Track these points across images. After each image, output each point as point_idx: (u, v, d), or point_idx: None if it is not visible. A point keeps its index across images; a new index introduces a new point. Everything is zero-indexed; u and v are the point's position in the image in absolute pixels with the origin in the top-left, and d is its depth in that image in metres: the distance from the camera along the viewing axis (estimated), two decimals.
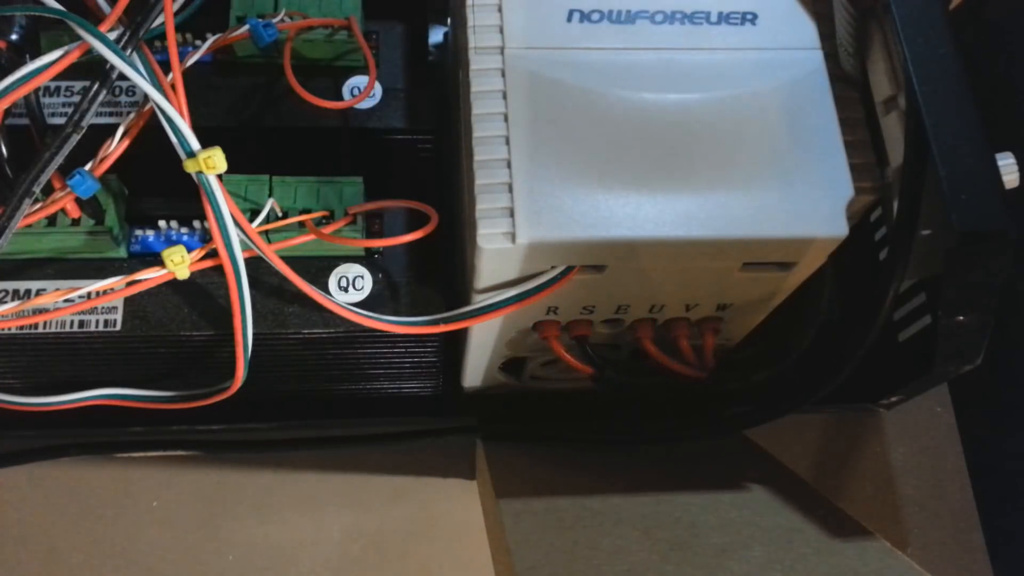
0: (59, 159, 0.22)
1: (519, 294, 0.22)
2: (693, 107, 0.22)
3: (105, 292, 0.24)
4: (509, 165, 0.21)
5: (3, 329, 0.24)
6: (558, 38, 0.23)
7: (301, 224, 0.25)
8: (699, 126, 0.22)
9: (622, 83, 0.22)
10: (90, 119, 0.22)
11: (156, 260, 0.23)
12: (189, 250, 0.24)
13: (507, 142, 0.21)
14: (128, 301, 0.25)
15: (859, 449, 0.37)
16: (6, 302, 0.24)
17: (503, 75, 0.22)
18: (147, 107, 0.23)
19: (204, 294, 0.26)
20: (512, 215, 0.20)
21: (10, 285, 0.25)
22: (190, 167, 0.22)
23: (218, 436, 0.32)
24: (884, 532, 0.26)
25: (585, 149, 0.21)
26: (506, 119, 0.21)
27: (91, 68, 0.22)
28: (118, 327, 0.25)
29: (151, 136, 0.23)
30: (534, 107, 0.22)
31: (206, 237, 0.26)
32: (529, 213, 0.20)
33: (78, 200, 0.24)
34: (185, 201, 0.26)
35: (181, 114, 0.22)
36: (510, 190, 0.21)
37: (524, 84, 0.22)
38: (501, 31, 0.22)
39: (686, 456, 0.32)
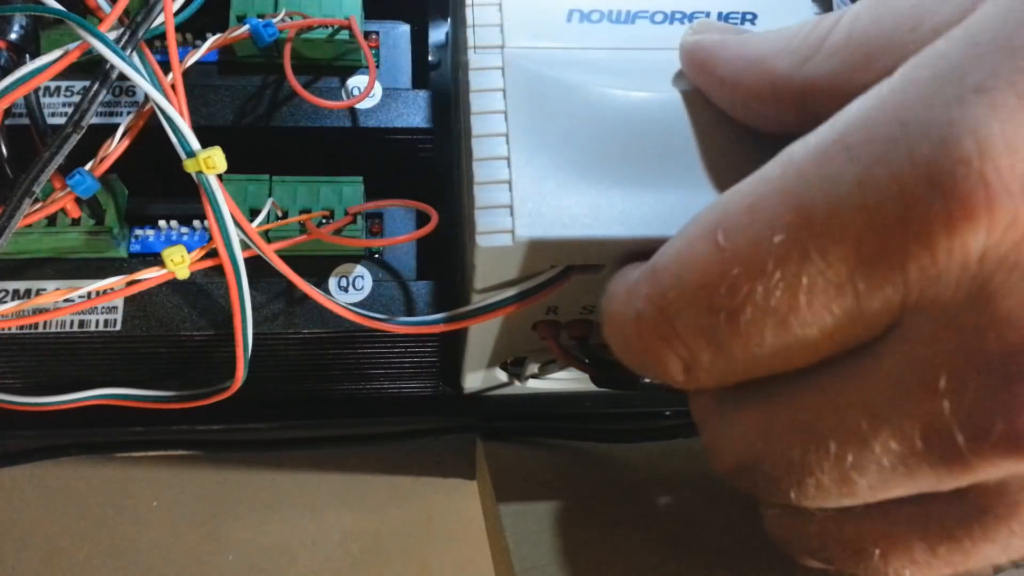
0: (59, 159, 0.22)
1: (519, 294, 0.22)
2: (693, 105, 0.22)
3: (105, 292, 0.24)
4: (509, 163, 0.21)
5: (3, 329, 0.24)
6: (558, 37, 0.23)
7: (301, 224, 0.25)
8: (700, 124, 0.22)
9: (622, 81, 0.22)
10: (90, 119, 0.22)
11: (156, 260, 0.23)
12: (189, 250, 0.24)
13: (507, 140, 0.21)
14: (128, 301, 0.25)
15: None
16: (6, 302, 0.24)
17: (503, 73, 0.22)
18: (147, 107, 0.23)
19: (204, 294, 0.26)
20: (512, 213, 0.20)
21: (10, 285, 0.25)
22: (190, 167, 0.22)
23: (218, 436, 0.32)
24: None
25: (585, 147, 0.21)
26: (506, 117, 0.21)
27: (91, 68, 0.22)
28: (118, 327, 0.25)
29: (151, 136, 0.23)
30: (534, 105, 0.21)
31: (206, 236, 0.26)
32: (529, 210, 0.20)
33: (78, 200, 0.24)
34: (185, 201, 0.26)
35: (181, 114, 0.22)
36: (510, 188, 0.21)
37: (524, 82, 0.22)
38: (501, 30, 0.22)
39: (686, 455, 0.32)
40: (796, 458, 0.15)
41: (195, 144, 0.22)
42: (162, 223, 0.26)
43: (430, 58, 0.31)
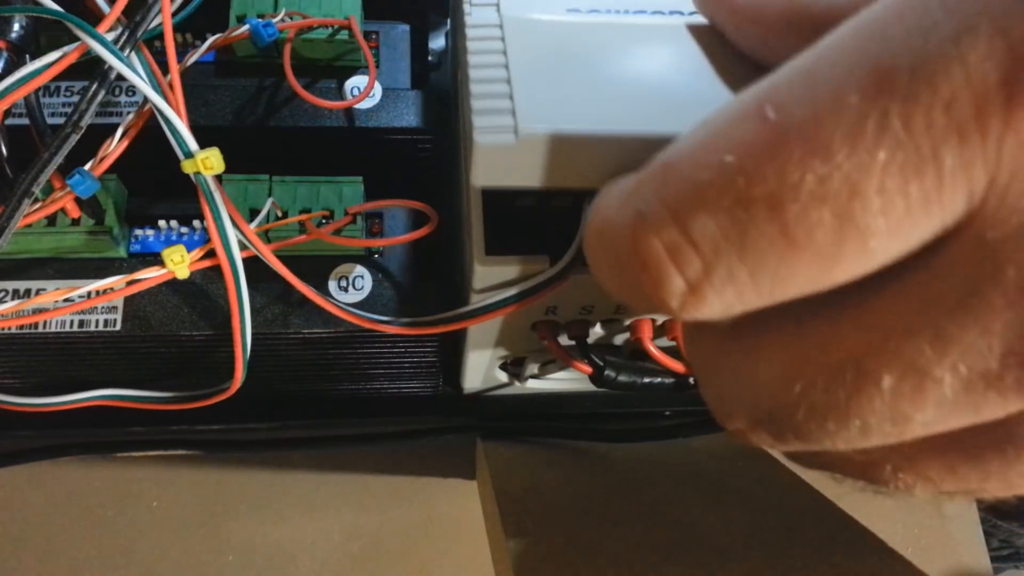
0: (58, 159, 0.22)
1: (518, 294, 0.22)
2: (703, 35, 0.21)
3: (105, 291, 0.24)
4: (508, 81, 0.20)
5: (3, 329, 0.25)
6: None
7: (301, 224, 0.25)
8: (711, 47, 0.21)
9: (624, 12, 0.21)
10: (89, 119, 0.22)
11: (156, 260, 0.24)
12: (189, 250, 0.24)
13: (504, 52, 0.20)
14: (128, 301, 0.25)
15: None
16: (6, 301, 0.24)
17: (500, 26, 0.21)
18: (146, 107, 0.23)
19: (204, 294, 0.26)
20: (513, 112, 0.19)
21: (10, 285, 0.25)
22: (188, 168, 0.22)
23: (218, 436, 0.32)
24: (884, 532, 0.26)
25: (588, 61, 0.20)
26: (501, 29, 0.21)
27: (92, 68, 0.22)
28: (118, 327, 0.25)
29: (151, 136, 0.23)
30: (531, 39, 0.21)
31: (206, 237, 0.26)
32: (530, 108, 0.19)
33: (78, 200, 0.24)
34: (185, 201, 0.26)
35: (179, 115, 0.22)
36: (510, 98, 0.19)
37: (520, 22, 0.21)
38: (500, 28, 0.22)
39: (686, 456, 0.32)
40: (840, 401, 0.13)
41: (193, 145, 0.22)
42: (162, 223, 0.26)
43: (430, 58, 0.31)
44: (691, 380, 0.27)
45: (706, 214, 0.12)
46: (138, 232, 0.26)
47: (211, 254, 0.24)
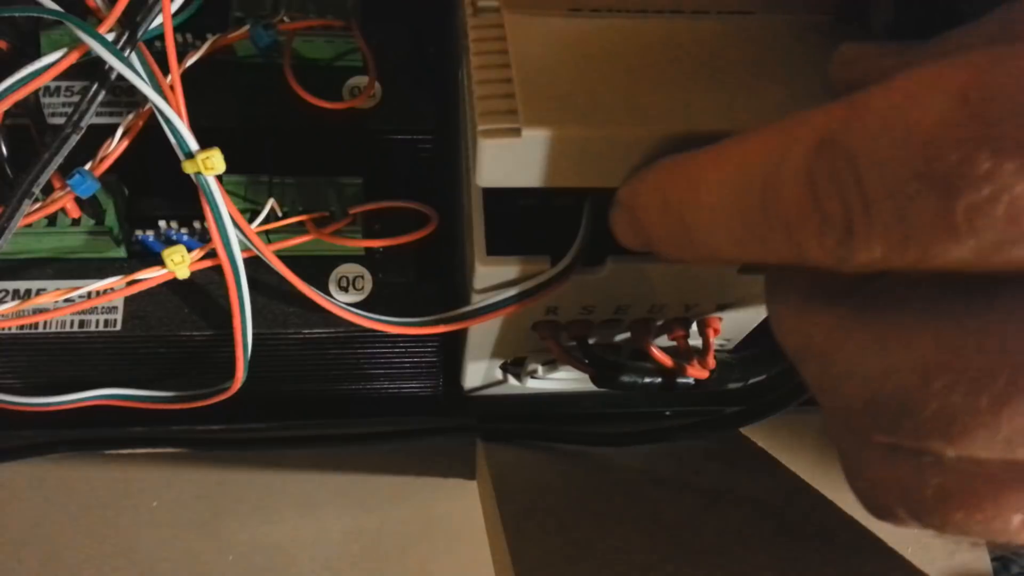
0: (58, 159, 0.22)
1: (518, 294, 0.22)
2: (703, 24, 0.21)
3: (105, 292, 0.24)
4: (511, 80, 0.20)
5: (3, 329, 0.25)
6: None
7: (301, 224, 0.25)
8: (715, 35, 0.21)
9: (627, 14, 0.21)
10: (89, 119, 0.22)
11: (156, 260, 0.24)
12: (189, 250, 0.24)
13: (508, 67, 0.20)
14: (128, 301, 0.25)
15: None
16: (6, 302, 0.24)
17: (502, 26, 0.21)
18: (147, 107, 0.23)
19: (204, 294, 0.26)
20: (516, 113, 0.19)
21: (10, 285, 0.25)
22: (188, 168, 0.22)
23: (218, 436, 0.32)
24: (884, 532, 0.26)
25: (590, 66, 0.20)
26: (505, 41, 0.20)
27: (92, 68, 0.22)
28: (118, 327, 0.25)
29: (151, 136, 0.23)
30: (534, 39, 0.21)
31: (206, 237, 0.26)
32: (534, 108, 0.19)
33: (78, 200, 0.24)
34: (185, 201, 0.26)
35: (179, 115, 0.22)
36: (514, 98, 0.19)
37: (523, 22, 0.21)
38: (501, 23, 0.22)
39: (686, 456, 0.32)
40: (980, 408, 0.12)
41: (193, 145, 0.22)
42: (162, 223, 0.26)
43: (430, 58, 0.31)
44: (690, 381, 0.27)
45: (881, 168, 0.12)
46: (138, 232, 0.26)
47: (212, 254, 0.24)
